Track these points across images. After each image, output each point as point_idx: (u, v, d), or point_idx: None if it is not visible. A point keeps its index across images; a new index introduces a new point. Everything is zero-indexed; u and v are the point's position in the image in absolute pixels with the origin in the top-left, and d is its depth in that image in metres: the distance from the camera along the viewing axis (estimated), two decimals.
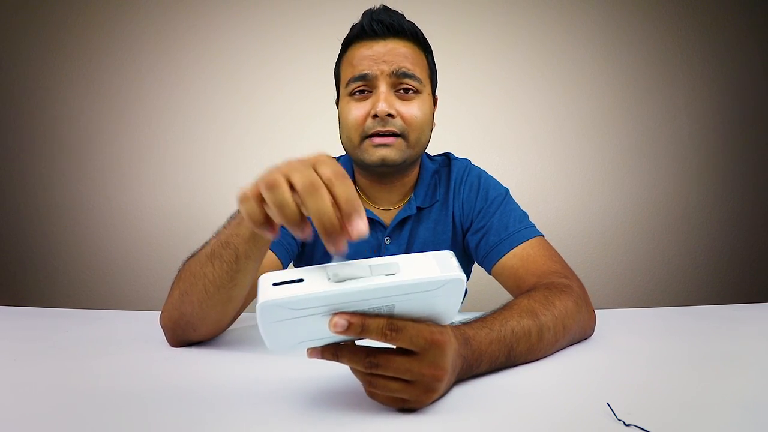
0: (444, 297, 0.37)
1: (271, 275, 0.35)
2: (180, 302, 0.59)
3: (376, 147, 0.76)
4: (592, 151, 1.73)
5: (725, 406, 0.41)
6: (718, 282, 1.72)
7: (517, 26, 1.73)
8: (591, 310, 0.66)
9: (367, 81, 0.76)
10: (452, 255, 0.38)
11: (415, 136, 0.77)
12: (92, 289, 1.78)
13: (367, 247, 0.85)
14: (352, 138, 0.78)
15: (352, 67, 0.78)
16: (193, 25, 1.74)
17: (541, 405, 0.42)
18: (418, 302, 0.37)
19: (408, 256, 0.37)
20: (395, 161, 0.76)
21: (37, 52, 1.78)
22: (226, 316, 0.61)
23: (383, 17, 0.77)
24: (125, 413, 0.41)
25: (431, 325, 0.39)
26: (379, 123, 0.74)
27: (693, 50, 1.72)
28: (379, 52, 0.76)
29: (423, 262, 0.36)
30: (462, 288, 0.37)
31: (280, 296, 0.34)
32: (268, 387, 0.47)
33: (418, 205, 0.84)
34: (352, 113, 0.77)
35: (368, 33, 0.77)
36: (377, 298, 0.35)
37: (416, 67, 0.77)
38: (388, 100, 0.74)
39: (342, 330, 0.36)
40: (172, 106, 1.76)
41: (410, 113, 0.76)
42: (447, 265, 0.36)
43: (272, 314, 0.35)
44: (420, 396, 0.39)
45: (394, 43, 0.77)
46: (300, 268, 0.36)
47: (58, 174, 1.78)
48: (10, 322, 0.80)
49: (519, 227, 0.79)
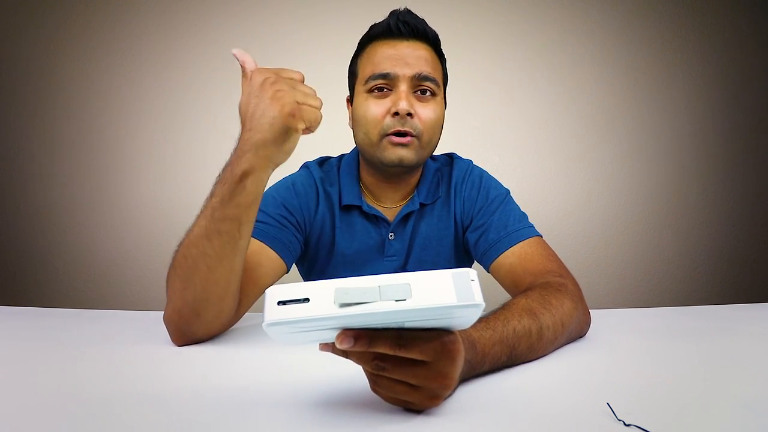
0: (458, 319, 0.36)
1: (277, 291, 0.34)
2: (182, 290, 0.60)
3: (395, 146, 0.77)
4: (592, 151, 1.73)
5: (725, 406, 0.41)
6: (718, 282, 1.72)
7: (517, 26, 1.73)
8: (585, 309, 0.67)
9: (388, 80, 0.77)
10: (474, 275, 0.33)
11: (428, 138, 0.79)
12: (92, 289, 1.78)
13: (372, 243, 0.86)
14: (371, 135, 0.78)
15: (373, 64, 0.79)
16: (194, 25, 1.74)
17: (541, 405, 0.42)
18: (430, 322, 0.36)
19: (423, 274, 0.33)
20: (411, 162, 0.78)
21: (37, 52, 1.78)
22: (227, 294, 0.62)
23: (409, 19, 0.79)
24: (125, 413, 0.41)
25: (442, 334, 0.38)
26: (399, 122, 0.76)
27: (693, 50, 1.72)
28: (402, 52, 0.78)
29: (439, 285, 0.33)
30: (479, 313, 0.34)
31: (284, 317, 0.33)
32: (271, 387, 0.47)
33: (421, 202, 0.86)
34: (371, 109, 0.78)
35: (394, 32, 0.79)
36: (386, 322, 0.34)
37: (435, 71, 0.79)
38: (409, 100, 0.76)
39: (348, 347, 0.35)
40: (172, 106, 1.76)
41: (426, 115, 0.78)
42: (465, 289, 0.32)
43: (278, 331, 0.35)
44: (424, 401, 0.39)
45: (417, 46, 0.79)
46: (306, 283, 0.35)
47: (58, 174, 1.79)
48: (10, 322, 0.80)
49: (518, 226, 0.80)
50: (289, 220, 0.80)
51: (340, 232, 0.86)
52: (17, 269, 1.80)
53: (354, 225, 0.86)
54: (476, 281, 0.33)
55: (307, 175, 0.87)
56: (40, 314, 0.85)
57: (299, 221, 0.82)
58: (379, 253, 0.86)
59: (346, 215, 0.86)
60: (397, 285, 0.32)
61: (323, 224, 0.86)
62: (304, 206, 0.84)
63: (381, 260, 0.86)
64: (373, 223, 0.86)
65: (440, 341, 0.37)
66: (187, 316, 0.61)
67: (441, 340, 0.37)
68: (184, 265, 0.60)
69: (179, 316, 0.61)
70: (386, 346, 0.36)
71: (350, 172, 0.88)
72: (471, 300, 0.32)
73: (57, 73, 1.77)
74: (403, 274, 0.34)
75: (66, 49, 1.77)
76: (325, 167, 0.90)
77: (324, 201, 0.86)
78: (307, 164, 0.91)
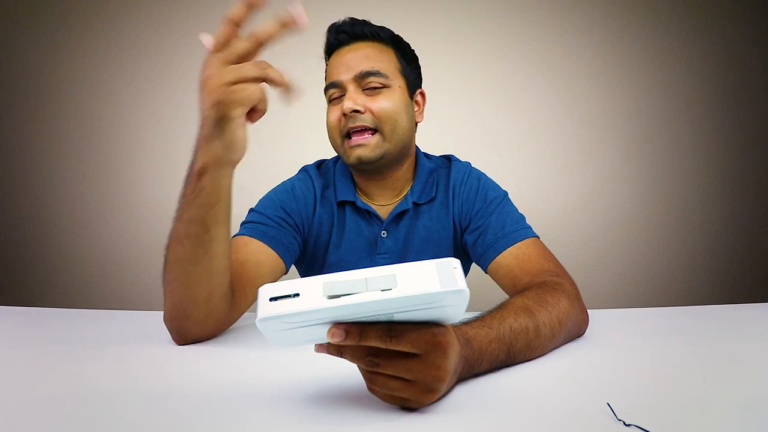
0: (446, 308, 0.36)
1: (268, 289, 0.35)
2: (170, 293, 0.61)
3: (353, 147, 0.81)
4: (592, 151, 1.73)
5: (725, 406, 0.41)
6: (718, 282, 1.72)
7: (517, 26, 1.73)
8: (583, 307, 0.67)
9: (339, 88, 0.82)
10: (457, 264, 0.35)
11: (389, 128, 0.81)
12: (92, 289, 1.78)
13: (364, 241, 0.87)
14: (336, 140, 0.84)
15: (327, 77, 0.86)
16: (194, 24, 1.74)
17: (541, 405, 0.42)
18: (419, 313, 0.36)
19: (408, 265, 0.35)
20: (370, 158, 0.80)
21: (37, 52, 1.78)
22: (213, 294, 0.61)
23: (345, 27, 0.85)
24: (125, 413, 0.41)
25: (433, 326, 0.39)
26: (350, 120, 0.80)
27: (693, 50, 1.72)
28: (344, 58, 0.83)
29: (423, 274, 0.34)
30: (465, 300, 0.36)
31: (276, 312, 0.34)
32: (269, 386, 0.47)
33: (414, 201, 0.87)
34: (330, 117, 0.84)
35: (334, 44, 0.85)
36: (374, 313, 0.35)
37: (380, 64, 0.82)
38: (353, 98, 0.80)
39: (340, 340, 0.36)
40: (172, 106, 1.76)
41: (378, 106, 0.80)
42: (449, 276, 0.34)
43: (271, 327, 0.36)
44: (420, 396, 0.39)
45: (358, 47, 0.83)
46: (297, 280, 0.36)
47: (58, 174, 1.79)
48: (10, 322, 0.80)
49: (516, 227, 0.81)
50: (287, 221, 0.82)
51: (336, 230, 0.87)
52: (17, 269, 1.80)
53: (347, 221, 0.87)
54: (459, 269, 0.34)
55: (305, 179, 0.90)
56: (40, 314, 0.85)
57: (297, 223, 0.84)
58: (371, 250, 0.87)
59: (341, 212, 0.88)
60: (382, 276, 0.34)
61: (321, 225, 0.87)
62: (302, 209, 0.86)
63: (373, 257, 0.87)
64: (365, 219, 0.87)
65: (431, 333, 0.38)
66: (178, 316, 0.62)
67: (432, 331, 0.38)
68: (166, 269, 0.60)
69: (172, 317, 0.62)
70: (377, 338, 0.36)
71: (344, 172, 0.90)
72: (454, 286, 0.33)
73: (57, 73, 1.77)
74: (388, 266, 0.35)
75: (66, 49, 1.77)
76: (322, 169, 0.93)
77: (322, 203, 0.88)
78: (305, 168, 0.94)
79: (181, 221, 0.58)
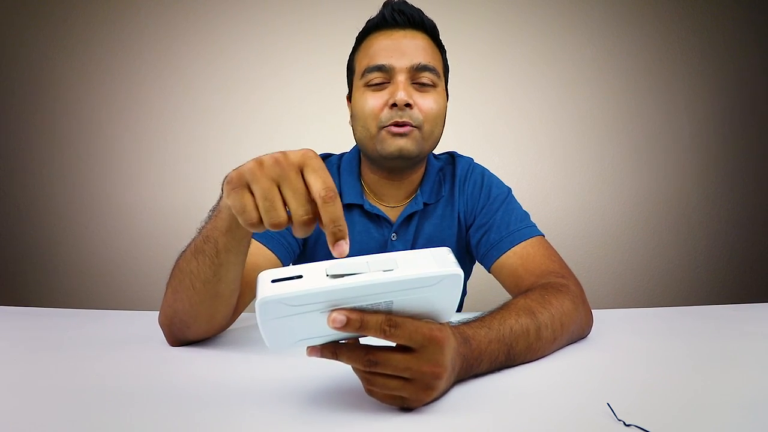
0: (442, 293, 0.37)
1: (269, 272, 0.35)
2: (173, 300, 0.59)
3: (394, 137, 0.74)
4: (592, 151, 1.73)
5: (725, 406, 0.41)
6: (718, 282, 1.72)
7: (517, 26, 1.73)
8: (588, 310, 0.66)
9: (385, 72, 0.75)
10: (449, 251, 0.38)
11: (429, 129, 0.77)
12: (92, 289, 1.78)
13: (374, 244, 0.85)
14: (369, 128, 0.76)
15: (369, 57, 0.76)
16: (194, 24, 1.74)
17: (541, 405, 0.42)
18: (416, 298, 0.37)
19: (406, 252, 0.37)
20: (411, 153, 0.75)
21: (37, 51, 1.78)
22: (217, 313, 0.60)
23: (404, 8, 0.77)
24: (125, 413, 0.41)
25: (430, 322, 0.39)
26: (397, 113, 0.73)
27: (693, 50, 1.72)
28: (399, 42, 0.75)
29: (420, 258, 0.36)
30: (460, 283, 0.37)
31: (279, 293, 0.34)
32: (268, 387, 0.47)
33: (424, 201, 0.84)
34: (369, 102, 0.75)
35: (389, 22, 0.76)
36: (375, 294, 0.36)
37: (434, 61, 0.77)
38: (408, 91, 0.73)
39: (340, 326, 0.36)
40: (172, 106, 1.76)
41: (427, 105, 0.75)
42: (444, 261, 0.37)
43: (271, 311, 0.35)
44: (419, 394, 0.39)
45: (414, 35, 0.76)
46: (299, 264, 0.36)
47: (58, 174, 1.78)
48: (10, 322, 0.80)
49: (520, 226, 0.79)
50: None
51: None
52: (17, 269, 1.80)
53: (355, 225, 0.84)
54: (452, 256, 0.37)
55: None
56: (40, 314, 0.85)
57: None
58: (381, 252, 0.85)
59: (347, 214, 0.84)
60: (383, 259, 0.36)
61: None
62: None
63: None
64: (374, 222, 0.84)
65: (428, 327, 0.39)
66: (177, 324, 0.60)
67: (429, 326, 0.39)
68: (176, 277, 0.58)
69: (170, 322, 0.61)
70: (377, 327, 0.37)
71: (351, 171, 0.86)
72: (450, 269, 0.36)
73: (57, 73, 1.77)
74: (388, 253, 0.37)
75: (66, 49, 1.77)
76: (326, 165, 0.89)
77: None
78: None
79: (200, 235, 0.55)
